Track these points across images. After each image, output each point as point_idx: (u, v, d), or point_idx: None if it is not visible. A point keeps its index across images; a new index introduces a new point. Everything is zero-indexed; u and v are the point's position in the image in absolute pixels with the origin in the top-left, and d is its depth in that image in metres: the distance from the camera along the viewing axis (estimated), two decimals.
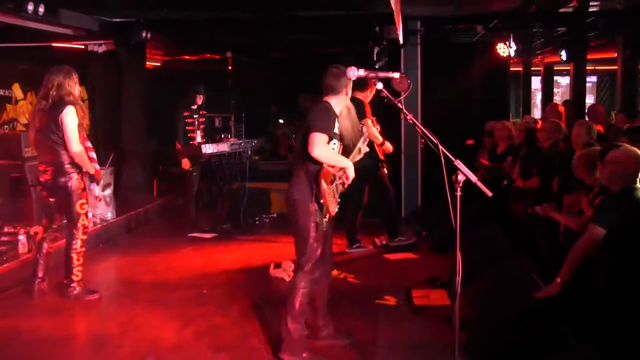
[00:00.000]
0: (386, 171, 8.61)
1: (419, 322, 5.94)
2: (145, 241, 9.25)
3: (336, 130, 4.97)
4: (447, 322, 5.60)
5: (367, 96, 8.26)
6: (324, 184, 4.83)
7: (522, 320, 4.87)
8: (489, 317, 5.36)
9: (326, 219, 4.98)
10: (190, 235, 9.59)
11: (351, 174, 5.04)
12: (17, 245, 7.44)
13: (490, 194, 4.01)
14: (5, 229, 7.86)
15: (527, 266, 5.83)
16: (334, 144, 4.98)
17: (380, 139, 8.29)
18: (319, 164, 4.85)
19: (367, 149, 5.50)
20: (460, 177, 3.92)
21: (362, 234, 8.70)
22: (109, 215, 9.44)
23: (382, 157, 8.49)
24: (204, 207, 10.26)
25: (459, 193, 3.93)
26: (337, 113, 5.02)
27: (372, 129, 8.05)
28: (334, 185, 4.97)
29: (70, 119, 6.37)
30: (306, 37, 11.96)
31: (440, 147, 4.05)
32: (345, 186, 5.15)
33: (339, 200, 5.10)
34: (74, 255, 6.60)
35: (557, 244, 5.94)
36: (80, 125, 6.46)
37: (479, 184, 3.98)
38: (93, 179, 6.83)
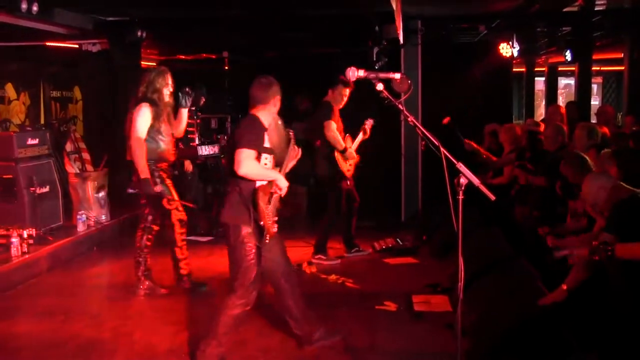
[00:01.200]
0: (349, 183, 8.11)
1: (420, 328, 5.84)
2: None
3: (267, 144, 4.86)
4: (448, 329, 5.53)
5: (335, 98, 7.96)
6: (262, 205, 4.71)
7: (526, 327, 4.77)
8: (491, 323, 5.26)
9: (267, 240, 4.83)
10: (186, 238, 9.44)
11: (282, 184, 4.90)
12: (10, 248, 7.38)
13: (493, 197, 3.89)
14: None
15: (531, 272, 5.74)
16: (266, 158, 4.86)
17: (342, 145, 7.90)
18: (252, 182, 4.75)
19: (298, 150, 5.29)
20: (463, 180, 3.79)
21: (360, 238, 8.57)
22: (103, 217, 9.35)
23: (343, 167, 8.00)
24: (199, 210, 10.14)
25: (461, 197, 3.80)
26: (266, 125, 4.91)
27: (334, 132, 7.81)
28: (271, 204, 4.84)
29: (139, 116, 6.44)
30: (304, 36, 11.86)
31: (441, 149, 3.91)
32: (282, 196, 4.98)
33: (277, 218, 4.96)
34: (177, 250, 6.78)
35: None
36: (156, 125, 6.49)
37: (482, 187, 3.85)
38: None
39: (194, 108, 9.76)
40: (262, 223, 4.72)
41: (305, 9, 9.72)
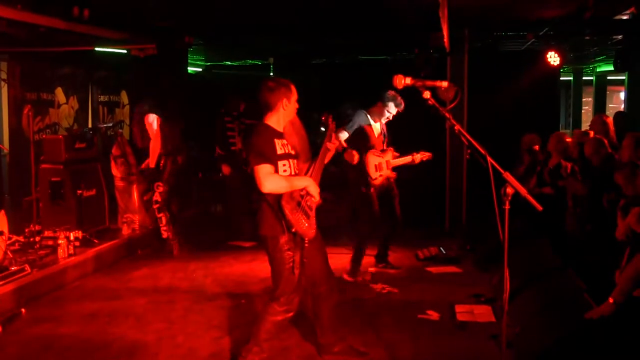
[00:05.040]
0: (371, 190, 7.57)
1: (463, 338, 5.76)
2: (184, 248, 9.15)
3: (282, 151, 4.74)
4: (492, 340, 5.46)
5: (381, 112, 7.73)
6: (289, 212, 4.63)
7: (572, 341, 4.68)
8: (536, 336, 5.18)
9: (307, 244, 4.78)
10: (230, 243, 9.51)
11: (314, 191, 4.81)
12: (57, 249, 7.52)
13: (540, 208, 3.80)
14: (46, 233, 7.91)
15: (578, 283, 5.65)
16: (284, 165, 4.74)
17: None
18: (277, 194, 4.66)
19: (336, 142, 5.17)
20: (509, 190, 3.72)
21: (404, 246, 8.56)
22: (148, 221, 9.41)
23: (372, 173, 7.52)
24: (243, 215, 10.18)
25: (507, 206, 3.73)
26: (280, 130, 4.81)
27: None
28: (302, 207, 4.75)
29: None
30: (350, 43, 11.85)
31: (488, 158, 3.85)
32: (316, 200, 4.87)
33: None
34: None
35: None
36: None
37: (529, 198, 3.78)
38: None
39: (235, 113, 9.84)
40: (294, 230, 4.67)
41: (351, 16, 9.70)
